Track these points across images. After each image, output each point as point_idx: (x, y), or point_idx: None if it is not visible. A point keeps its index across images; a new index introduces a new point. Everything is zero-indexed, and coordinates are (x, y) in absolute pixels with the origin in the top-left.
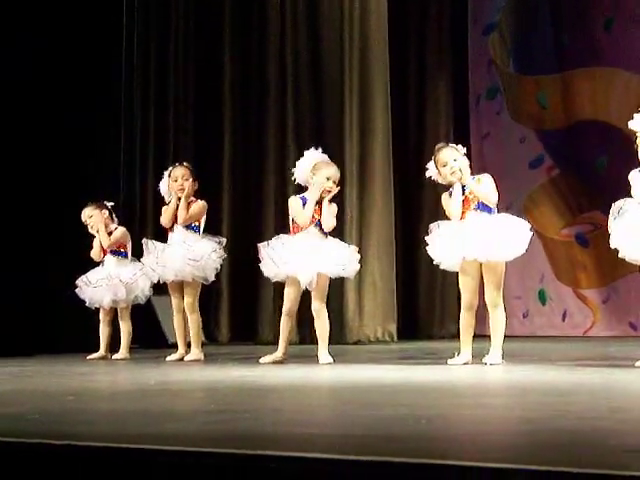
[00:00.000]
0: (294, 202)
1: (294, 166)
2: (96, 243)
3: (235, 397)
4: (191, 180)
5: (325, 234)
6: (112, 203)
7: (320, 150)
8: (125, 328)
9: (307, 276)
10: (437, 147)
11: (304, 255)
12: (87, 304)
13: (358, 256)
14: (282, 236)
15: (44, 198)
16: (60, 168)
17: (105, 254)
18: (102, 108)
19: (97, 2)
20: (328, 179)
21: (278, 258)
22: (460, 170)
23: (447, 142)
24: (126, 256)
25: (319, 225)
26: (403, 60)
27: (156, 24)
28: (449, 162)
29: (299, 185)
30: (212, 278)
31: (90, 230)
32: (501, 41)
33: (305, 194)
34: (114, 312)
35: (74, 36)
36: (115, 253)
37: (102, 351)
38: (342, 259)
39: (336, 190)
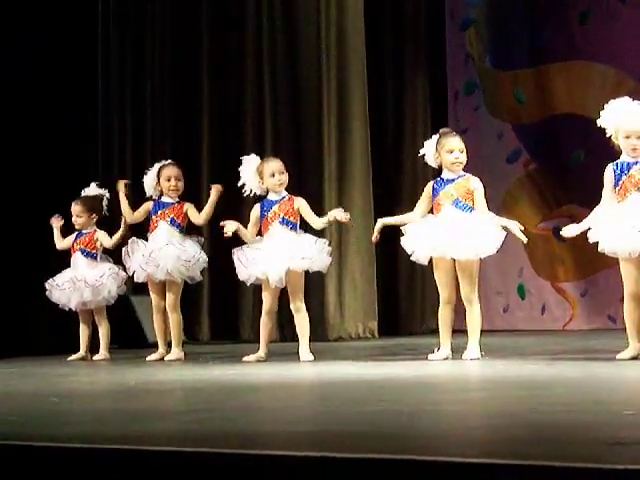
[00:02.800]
0: (252, 213)
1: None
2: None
3: (217, 396)
4: (182, 179)
5: (294, 230)
6: (107, 195)
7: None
8: (102, 329)
9: (276, 274)
10: (445, 131)
11: (271, 254)
12: (59, 306)
13: (328, 249)
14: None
15: (28, 198)
16: (36, 165)
17: (73, 252)
18: (76, 101)
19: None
20: (273, 175)
21: (247, 260)
22: (460, 163)
23: (424, 138)
24: (95, 257)
25: (285, 222)
26: (380, 56)
27: (134, 18)
28: (456, 151)
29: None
30: (199, 278)
31: (75, 225)
32: (478, 36)
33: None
34: (92, 313)
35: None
36: (84, 253)
37: (82, 352)
38: (310, 253)
39: (285, 179)
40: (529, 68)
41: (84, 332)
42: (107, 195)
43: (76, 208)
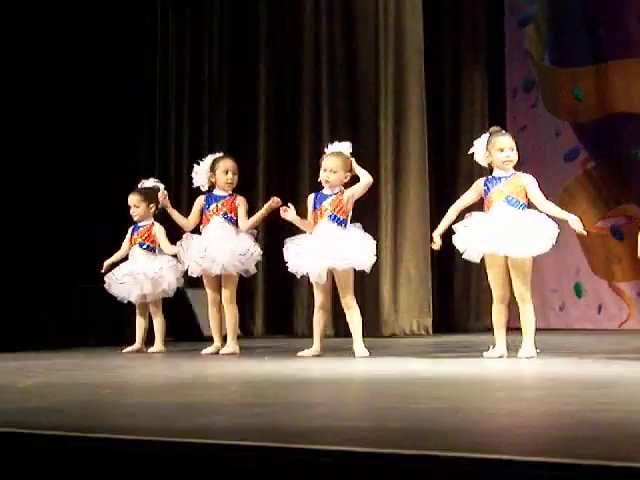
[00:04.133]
0: (308, 200)
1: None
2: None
3: (271, 390)
4: (238, 172)
5: (343, 225)
6: (163, 186)
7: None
8: (158, 322)
9: (315, 272)
10: (495, 129)
11: (315, 250)
12: (118, 299)
13: (374, 248)
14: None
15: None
16: (92, 156)
17: (132, 245)
18: (136, 95)
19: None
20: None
21: (292, 255)
22: (511, 161)
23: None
24: (154, 250)
25: (334, 218)
26: (438, 53)
27: (192, 15)
28: (507, 149)
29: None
30: (254, 271)
31: (133, 216)
32: (537, 33)
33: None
34: (148, 305)
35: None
36: (143, 246)
37: (137, 344)
38: (353, 252)
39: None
40: (588, 66)
41: (140, 324)
42: (163, 188)
43: (133, 198)
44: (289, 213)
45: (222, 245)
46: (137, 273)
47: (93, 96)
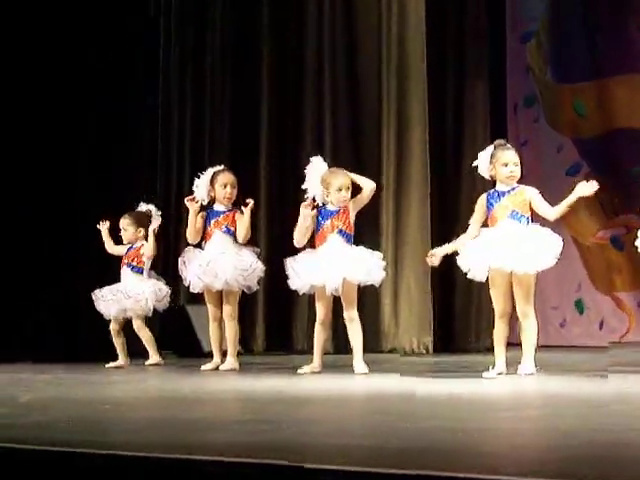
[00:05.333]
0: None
1: None
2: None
3: (270, 407)
4: (237, 186)
5: (349, 242)
6: (155, 211)
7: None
8: (144, 337)
9: (333, 283)
10: (500, 143)
11: (328, 263)
12: (104, 316)
13: (383, 263)
14: (307, 250)
15: (76, 204)
16: (92, 171)
17: (123, 265)
18: (137, 108)
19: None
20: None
21: (302, 270)
22: (515, 177)
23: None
24: (141, 272)
25: (342, 234)
26: (441, 67)
27: (193, 17)
28: (511, 164)
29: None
30: (256, 287)
31: (123, 239)
32: (538, 49)
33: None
34: (124, 323)
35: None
36: (131, 267)
37: (121, 360)
38: (367, 266)
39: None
40: (589, 81)
41: (118, 341)
42: (156, 211)
43: (123, 222)
44: (309, 211)
45: (224, 260)
46: (120, 291)
47: (95, 105)
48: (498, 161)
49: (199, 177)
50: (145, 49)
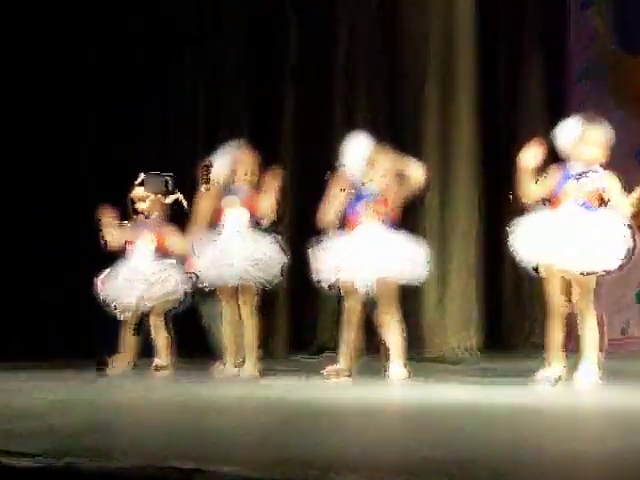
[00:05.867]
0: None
1: None
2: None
3: (295, 418)
4: (258, 167)
5: (389, 229)
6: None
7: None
8: (161, 336)
9: (364, 281)
10: (588, 117)
11: (361, 256)
12: (108, 303)
13: (427, 257)
14: (338, 235)
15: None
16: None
17: (131, 244)
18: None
19: None
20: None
21: (329, 259)
22: (596, 160)
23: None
24: (165, 255)
25: (380, 219)
26: (493, 37)
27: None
28: (593, 146)
29: None
30: (276, 281)
31: (141, 212)
32: (602, 17)
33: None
34: (140, 318)
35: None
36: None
37: (124, 359)
38: (408, 262)
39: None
40: None
41: (131, 338)
42: (170, 180)
43: (138, 191)
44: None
45: (239, 250)
46: (138, 272)
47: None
48: (584, 139)
49: (217, 154)
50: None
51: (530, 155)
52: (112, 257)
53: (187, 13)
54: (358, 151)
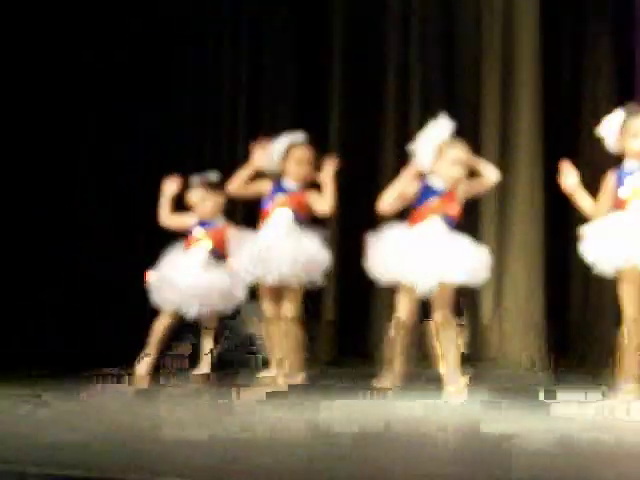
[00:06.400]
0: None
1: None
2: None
3: (341, 431)
4: (313, 163)
5: (451, 228)
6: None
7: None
8: (211, 338)
9: (426, 284)
10: (631, 110)
11: (423, 257)
12: (156, 305)
13: (489, 260)
14: (398, 227)
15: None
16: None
17: (189, 244)
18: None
19: None
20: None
21: (387, 254)
22: None
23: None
24: (223, 259)
25: (445, 218)
26: (556, 14)
27: None
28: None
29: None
30: (320, 281)
31: (200, 214)
32: None
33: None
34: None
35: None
36: (212, 252)
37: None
38: (470, 264)
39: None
40: None
41: (159, 339)
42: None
43: (199, 193)
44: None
45: (282, 248)
46: (200, 279)
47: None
48: (628, 131)
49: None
50: None
51: (567, 178)
52: (111, 258)
53: (219, 10)
54: (430, 138)
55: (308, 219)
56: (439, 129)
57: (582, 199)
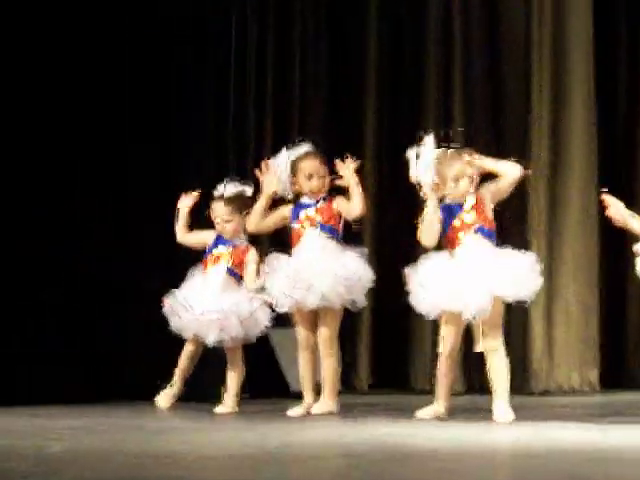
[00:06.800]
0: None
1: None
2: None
3: (383, 464)
4: (327, 171)
5: (491, 240)
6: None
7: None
8: (236, 373)
9: (479, 305)
10: None
11: (469, 276)
12: (174, 330)
13: (539, 267)
14: (435, 256)
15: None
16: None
17: (215, 262)
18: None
19: None
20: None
21: (431, 286)
22: None
23: None
24: (240, 280)
25: (480, 230)
26: (611, 10)
27: None
28: None
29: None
30: (363, 302)
31: (223, 233)
32: None
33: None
34: (205, 347)
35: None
36: (231, 273)
37: (175, 389)
38: (520, 275)
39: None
40: None
41: (188, 367)
42: (250, 190)
43: (221, 209)
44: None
45: (321, 267)
46: (223, 306)
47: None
48: None
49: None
50: None
51: (612, 210)
52: (111, 258)
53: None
54: (425, 157)
55: (342, 229)
56: (428, 147)
57: (633, 225)
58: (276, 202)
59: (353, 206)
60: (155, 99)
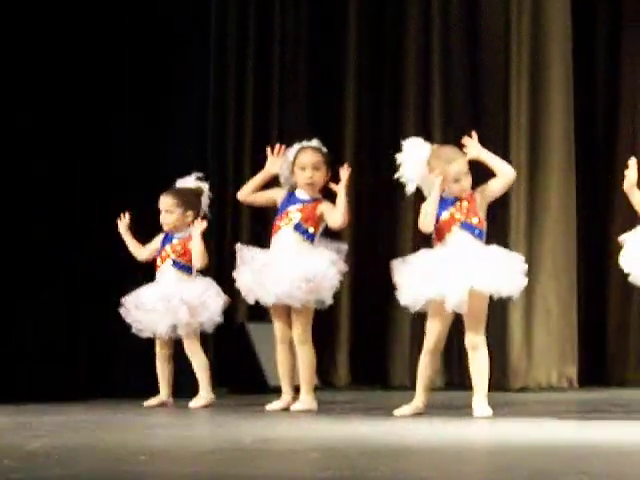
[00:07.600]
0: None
1: None
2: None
3: (361, 460)
4: (324, 169)
5: (480, 238)
6: (208, 192)
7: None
8: (198, 363)
9: (457, 295)
10: None
11: (452, 268)
12: (134, 330)
13: (525, 267)
14: (422, 250)
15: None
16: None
17: (163, 261)
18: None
19: None
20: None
21: (416, 277)
22: None
23: None
24: (190, 271)
25: (467, 227)
26: (590, 10)
27: None
28: None
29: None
30: (330, 301)
31: (164, 225)
32: None
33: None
34: (174, 344)
35: None
36: (177, 265)
37: (162, 396)
38: (504, 271)
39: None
40: None
41: (164, 370)
42: (208, 192)
43: (166, 201)
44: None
45: (283, 265)
46: (171, 298)
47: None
48: None
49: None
50: None
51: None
52: (111, 258)
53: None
54: (413, 159)
55: (321, 232)
56: (416, 148)
57: (635, 197)
58: None
59: (335, 217)
60: (155, 99)
